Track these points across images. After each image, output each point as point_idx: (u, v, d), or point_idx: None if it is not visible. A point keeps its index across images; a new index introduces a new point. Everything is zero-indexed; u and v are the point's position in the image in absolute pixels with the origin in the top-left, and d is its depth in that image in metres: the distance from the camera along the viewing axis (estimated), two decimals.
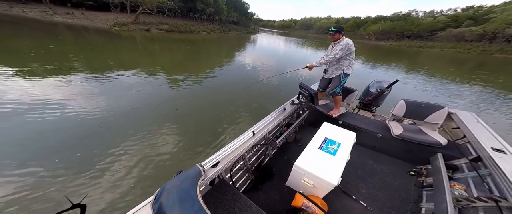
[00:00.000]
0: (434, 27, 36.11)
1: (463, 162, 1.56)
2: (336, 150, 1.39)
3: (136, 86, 4.49)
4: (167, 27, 19.70)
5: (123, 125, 2.87)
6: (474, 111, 1.93)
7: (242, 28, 39.80)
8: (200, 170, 0.92)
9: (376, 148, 2.04)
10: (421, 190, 1.58)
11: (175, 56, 8.94)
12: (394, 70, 10.35)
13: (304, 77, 6.91)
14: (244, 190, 1.49)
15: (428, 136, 1.75)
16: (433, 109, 1.85)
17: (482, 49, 23.78)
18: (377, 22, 48.67)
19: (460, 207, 1.21)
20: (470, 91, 6.80)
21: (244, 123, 3.45)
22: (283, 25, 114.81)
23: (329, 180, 1.15)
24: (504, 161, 1.16)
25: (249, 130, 1.41)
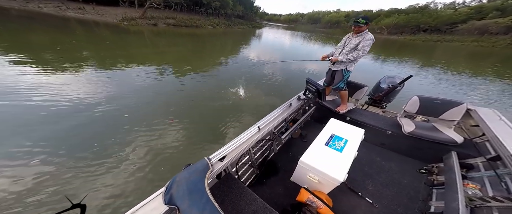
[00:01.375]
0: (454, 20, 33.52)
1: (479, 161, 1.49)
2: (343, 146, 1.36)
3: (158, 79, 4.72)
4: (174, 21, 19.74)
5: (146, 114, 3.08)
6: (497, 108, 1.78)
7: (247, 22, 39.10)
8: (208, 163, 0.94)
9: (385, 145, 1.98)
10: (431, 188, 1.52)
11: (189, 51, 9.08)
12: (408, 65, 9.80)
13: (311, 73, 6.75)
14: (249, 184, 1.52)
15: (443, 134, 1.67)
16: (450, 105, 1.75)
17: (510, 42, 21.72)
18: (391, 15, 45.61)
19: (472, 207, 1.16)
20: (494, 87, 6.32)
21: (251, 117, 3.47)
22: (290, 19, 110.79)
23: (335, 177, 1.13)
24: None
25: (255, 125, 1.41)
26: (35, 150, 2.10)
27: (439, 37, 30.28)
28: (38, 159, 1.99)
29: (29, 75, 4.04)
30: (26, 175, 1.82)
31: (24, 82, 3.68)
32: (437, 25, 35.09)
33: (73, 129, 2.50)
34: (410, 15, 40.20)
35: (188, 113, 3.34)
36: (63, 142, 2.26)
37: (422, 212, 1.35)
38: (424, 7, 43.07)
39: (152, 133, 2.63)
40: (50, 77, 4.09)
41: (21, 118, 2.61)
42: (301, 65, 7.73)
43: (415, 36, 34.81)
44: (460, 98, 1.82)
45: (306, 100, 2.01)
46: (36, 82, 3.72)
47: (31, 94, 3.25)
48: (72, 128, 2.52)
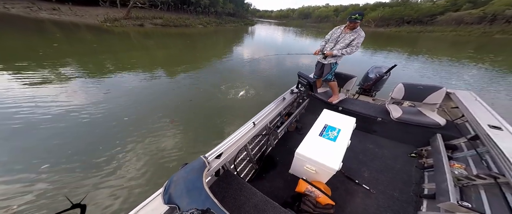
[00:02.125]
0: (433, 12, 35.35)
1: (462, 141, 1.58)
2: (336, 136, 1.40)
3: (152, 81, 4.62)
4: (162, 21, 19.02)
5: (145, 116, 3.08)
6: (474, 90, 1.91)
7: (239, 19, 38.48)
8: (204, 161, 0.94)
9: (376, 132, 2.05)
10: (422, 171, 1.59)
11: (181, 51, 8.80)
12: (395, 55, 10.21)
13: (303, 67, 6.85)
14: (249, 180, 1.53)
15: (427, 117, 1.76)
16: (431, 90, 1.86)
17: (483, 31, 23.43)
18: (376, 8, 47.04)
19: (460, 186, 1.22)
20: (471, 72, 6.81)
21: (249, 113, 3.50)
22: (281, 15, 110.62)
23: (330, 165, 1.16)
24: (500, 138, 1.18)
25: (250, 120, 1.41)
26: (43, 156, 2.12)
27: (422, 28, 31.81)
28: (47, 164, 2.01)
29: (16, 84, 3.77)
30: (33, 177, 1.85)
31: (13, 93, 3.41)
32: (419, 17, 36.82)
33: (70, 135, 2.50)
34: (394, 8, 41.91)
35: (187, 113, 3.32)
36: (66, 148, 2.27)
37: (417, 195, 1.40)
38: (405, 1, 44.83)
39: (152, 134, 2.63)
40: (43, 84, 3.87)
41: (31, 131, 2.50)
42: (294, 60, 7.80)
43: (400, 28, 36.26)
44: (440, 83, 1.93)
45: (299, 94, 2.04)
46: (24, 92, 3.48)
47: (30, 106, 3.06)
48: (68, 135, 2.51)
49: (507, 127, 1.27)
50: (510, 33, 20.81)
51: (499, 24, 25.06)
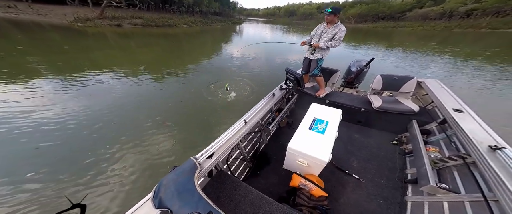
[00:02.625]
0: (403, 9, 38.88)
1: (434, 126, 1.72)
2: (325, 128, 1.44)
3: (141, 84, 4.42)
4: (142, 21, 17.86)
5: (135, 119, 2.98)
6: (439, 77, 2.12)
7: (225, 18, 37.80)
8: (195, 162, 0.92)
9: (361, 122, 2.14)
10: (404, 157, 1.68)
11: (166, 52, 8.36)
12: (374, 49, 10.96)
13: (292, 63, 6.99)
14: (244, 178, 1.51)
15: (403, 105, 1.89)
16: (405, 80, 2.02)
17: (444, 26, 26.36)
18: (355, 5, 50.14)
19: (437, 169, 1.29)
20: (436, 61, 7.64)
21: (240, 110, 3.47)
22: (268, 13, 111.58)
23: (320, 158, 1.19)
24: (463, 119, 1.30)
25: (241, 119, 1.39)
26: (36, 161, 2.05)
27: (395, 24, 34.84)
28: (32, 172, 1.92)
29: None
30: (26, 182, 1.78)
31: None
32: (391, 13, 40.36)
33: (56, 147, 2.36)
34: (370, 5, 45.11)
35: (179, 114, 3.24)
36: (51, 156, 2.18)
37: (401, 180, 1.46)
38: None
39: (143, 137, 2.54)
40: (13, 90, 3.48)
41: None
42: (283, 57, 7.95)
43: (376, 24, 39.23)
44: (412, 73, 2.10)
45: (288, 89, 2.06)
46: None
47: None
48: (55, 146, 2.37)
49: (467, 110, 1.42)
50: (465, 27, 23.81)
51: (456, 20, 28.47)
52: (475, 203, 1.00)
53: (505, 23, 21.48)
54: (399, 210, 1.24)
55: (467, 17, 27.87)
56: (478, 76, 5.39)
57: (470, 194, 1.03)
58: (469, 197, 1.02)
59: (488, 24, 22.66)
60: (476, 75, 5.54)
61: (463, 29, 23.36)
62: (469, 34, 18.46)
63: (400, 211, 1.24)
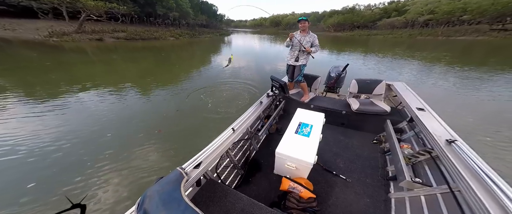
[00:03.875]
0: (373, 18, 44.28)
1: (404, 124, 1.87)
2: (310, 131, 1.52)
3: (132, 97, 4.40)
4: (125, 35, 17.44)
5: (128, 134, 2.95)
6: (404, 79, 2.42)
7: (213, 30, 38.70)
8: (181, 172, 0.91)
9: (344, 125, 2.27)
10: (384, 155, 1.79)
11: (155, 65, 8.18)
12: (355, 55, 12.02)
13: (278, 71, 7.33)
14: (236, 186, 1.50)
15: (377, 106, 2.06)
16: (376, 83, 2.26)
17: (409, 34, 30.39)
18: (332, 15, 55.70)
19: (411, 164, 1.38)
20: (403, 65, 8.64)
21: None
22: (255, 24, 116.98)
23: (306, 160, 1.25)
24: (425, 117, 1.46)
25: (229, 127, 1.42)
26: None
27: (369, 32, 39.27)
28: None
29: None
30: None
31: None
32: (364, 22, 45.52)
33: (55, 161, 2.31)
34: (345, 15, 50.47)
35: (173, 124, 3.25)
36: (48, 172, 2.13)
37: (384, 177, 1.53)
38: (352, 9, 54.70)
39: (136, 148, 2.54)
40: None
41: None
42: (274, 67, 8.30)
43: (353, 32, 43.63)
44: (382, 76, 2.37)
45: (274, 96, 2.15)
46: None
47: None
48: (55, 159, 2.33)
49: (428, 108, 1.60)
50: (426, 35, 27.59)
51: (417, 28, 33.00)
52: (445, 194, 1.05)
53: (456, 31, 25.50)
54: (384, 207, 1.30)
55: (426, 26, 32.45)
56: (441, 77, 6.18)
57: (439, 186, 1.09)
58: (440, 190, 1.08)
59: (443, 32, 26.55)
60: (439, 76, 6.35)
61: (424, 36, 27.02)
62: (430, 41, 21.40)
63: (386, 208, 1.29)
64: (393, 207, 1.27)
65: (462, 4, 26.92)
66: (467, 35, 23.36)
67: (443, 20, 29.58)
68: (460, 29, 25.95)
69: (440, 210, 1.01)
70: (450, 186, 0.99)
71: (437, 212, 1.01)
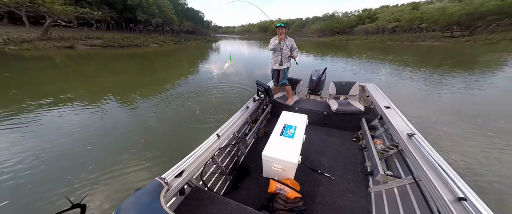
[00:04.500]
0: (350, 24, 49.26)
1: (376, 122, 2.03)
2: (294, 133, 1.57)
3: (126, 104, 4.26)
4: (101, 42, 16.22)
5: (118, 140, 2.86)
6: (374, 81, 2.71)
7: (201, 37, 38.37)
8: (159, 182, 0.88)
9: (326, 125, 2.37)
10: (362, 152, 1.88)
11: (138, 74, 7.69)
12: (336, 58, 13.04)
13: (265, 76, 7.55)
14: (225, 192, 1.47)
15: (353, 106, 2.22)
16: (350, 84, 2.48)
17: (381, 39, 34.76)
18: (315, 21, 60.68)
19: (384, 158, 1.48)
20: (378, 68, 9.61)
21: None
22: (243, 30, 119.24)
23: (290, 160, 1.29)
24: (391, 114, 1.63)
25: (214, 133, 1.39)
26: None
27: (347, 38, 43.55)
28: None
29: None
30: None
31: None
32: (343, 28, 50.15)
33: None
34: (326, 21, 55.28)
35: (159, 134, 3.14)
36: None
37: (364, 173, 1.60)
38: (331, 15, 60.26)
39: (117, 162, 2.37)
40: None
41: None
42: (263, 72, 8.48)
43: (334, 37, 47.96)
44: (357, 78, 2.62)
45: (260, 100, 2.19)
46: None
47: None
48: None
49: (393, 106, 1.80)
50: (394, 40, 31.71)
51: (387, 34, 37.56)
52: (412, 184, 1.12)
53: (417, 37, 29.75)
54: (366, 202, 1.36)
55: (394, 32, 37.11)
56: (409, 77, 7.01)
57: (407, 177, 1.17)
58: (408, 180, 1.15)
59: (407, 38, 30.77)
60: (407, 77, 7.18)
61: (393, 42, 30.96)
62: (398, 46, 24.37)
63: (367, 202, 1.35)
64: (373, 200, 1.35)
65: (420, 14, 31.77)
66: (426, 41, 27.12)
67: (407, 27, 34.20)
68: (421, 36, 30.23)
69: (410, 199, 1.09)
70: (414, 177, 1.07)
71: (407, 202, 1.09)
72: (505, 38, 20.43)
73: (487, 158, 2.40)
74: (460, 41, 23.44)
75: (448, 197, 0.81)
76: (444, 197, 0.81)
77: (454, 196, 0.80)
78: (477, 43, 21.29)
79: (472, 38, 23.50)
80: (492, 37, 21.82)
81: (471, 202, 0.74)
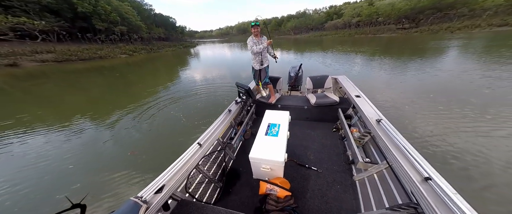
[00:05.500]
0: (321, 21, 53.17)
1: (351, 111, 2.14)
2: (278, 131, 1.57)
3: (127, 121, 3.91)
4: (54, 56, 14.02)
5: None
6: (345, 72, 2.94)
7: (176, 43, 36.32)
8: (135, 202, 0.81)
9: (308, 118, 2.43)
10: (343, 141, 1.94)
11: (110, 88, 6.94)
12: (316, 54, 13.75)
13: (245, 78, 7.57)
14: (216, 200, 1.40)
15: (329, 98, 2.31)
16: (324, 78, 2.62)
17: (349, 33, 38.57)
18: (290, 20, 63.51)
19: (362, 146, 1.55)
20: (350, 59, 10.53)
21: None
22: (222, 33, 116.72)
23: (277, 159, 1.28)
24: (361, 102, 1.75)
25: (195, 142, 1.32)
26: None
27: (321, 33, 46.92)
28: None
29: None
30: None
31: None
32: (316, 25, 53.68)
33: None
34: (300, 19, 58.16)
35: (146, 148, 2.94)
36: None
37: (346, 162, 1.65)
38: (303, 13, 63.44)
39: (100, 179, 2.24)
40: None
41: None
42: (241, 74, 8.43)
43: (309, 34, 51.07)
44: (329, 70, 2.83)
45: (243, 102, 2.14)
46: None
47: None
48: None
49: (362, 95, 1.93)
50: (360, 34, 35.47)
51: (353, 28, 41.65)
52: (387, 169, 1.17)
53: (378, 30, 33.94)
54: (352, 190, 1.39)
55: (358, 26, 41.28)
56: (376, 66, 7.81)
57: (382, 162, 1.22)
58: (383, 166, 1.20)
59: (370, 31, 34.73)
60: (375, 65, 7.99)
61: (359, 35, 34.57)
62: (364, 38, 27.21)
63: (353, 191, 1.39)
64: (358, 188, 1.39)
65: (375, 9, 36.36)
66: (385, 33, 31.13)
67: (367, 21, 38.60)
68: (380, 29, 34.50)
69: (388, 183, 1.14)
70: (388, 161, 1.12)
71: (387, 186, 1.14)
72: (441, 29, 24.79)
73: (436, 126, 2.85)
74: (410, 32, 27.65)
75: (416, 178, 0.87)
76: (413, 178, 0.87)
77: (421, 177, 0.86)
78: (423, 33, 25.26)
79: (418, 29, 28.05)
80: (432, 28, 26.27)
81: (435, 181, 0.81)
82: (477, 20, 23.63)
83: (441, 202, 0.74)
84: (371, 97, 1.86)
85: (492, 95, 3.81)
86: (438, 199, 0.75)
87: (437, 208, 0.73)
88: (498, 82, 4.43)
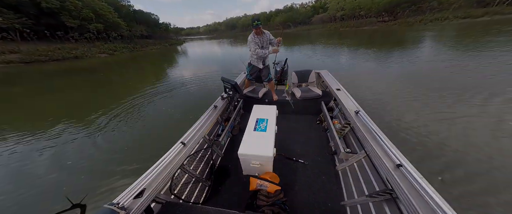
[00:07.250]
0: (308, 15, 53.69)
1: (332, 104, 2.20)
2: (266, 125, 1.57)
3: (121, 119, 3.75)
4: (20, 56, 12.53)
5: None
6: (327, 68, 2.94)
7: (161, 41, 34.40)
8: (111, 209, 0.76)
9: (294, 112, 2.46)
10: (326, 133, 1.99)
11: (99, 89, 6.50)
12: (305, 48, 13.84)
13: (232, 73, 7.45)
14: (204, 199, 1.38)
15: (313, 91, 2.38)
16: (308, 72, 2.67)
17: (335, 26, 39.46)
18: (278, 14, 63.22)
19: (343, 137, 1.58)
20: (326, 52, 10.67)
21: None
22: (209, 30, 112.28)
23: (265, 154, 1.28)
24: (341, 95, 1.81)
25: (178, 141, 1.26)
26: None
27: (309, 27, 47.38)
28: None
29: None
30: None
31: None
32: (303, 19, 54.00)
33: None
34: (288, 14, 58.38)
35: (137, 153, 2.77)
36: None
37: (330, 154, 1.69)
38: (291, 7, 63.36)
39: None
40: None
41: None
42: (227, 70, 8.22)
43: (297, 28, 51.29)
44: (310, 67, 2.81)
45: (230, 97, 2.08)
46: None
47: None
48: None
49: (342, 88, 1.95)
50: (345, 27, 36.51)
51: (338, 22, 42.65)
52: (365, 158, 1.21)
53: (361, 23, 35.17)
54: (336, 180, 1.44)
55: (343, 20, 42.47)
56: (362, 57, 8.12)
57: (361, 152, 1.26)
58: (362, 155, 1.25)
59: (354, 24, 35.89)
60: (362, 57, 8.29)
61: (344, 28, 35.53)
62: (349, 31, 27.97)
63: (336, 180, 1.43)
64: (341, 178, 1.45)
65: (357, 3, 37.64)
66: (368, 26, 32.36)
67: (351, 15, 39.83)
68: (363, 22, 35.87)
69: (366, 171, 1.19)
70: (365, 151, 1.15)
71: (365, 174, 1.19)
72: (416, 21, 26.43)
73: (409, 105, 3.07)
74: (390, 25, 29.11)
75: (390, 165, 0.92)
76: (387, 165, 0.92)
77: (394, 164, 0.91)
78: (401, 25, 26.69)
79: (397, 22, 29.75)
80: (408, 20, 27.94)
81: (405, 167, 0.87)
82: (445, 13, 25.55)
83: (411, 187, 0.79)
84: (354, 87, 1.95)
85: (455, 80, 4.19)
86: (409, 184, 0.81)
87: (408, 192, 0.78)
88: (460, 70, 4.91)
